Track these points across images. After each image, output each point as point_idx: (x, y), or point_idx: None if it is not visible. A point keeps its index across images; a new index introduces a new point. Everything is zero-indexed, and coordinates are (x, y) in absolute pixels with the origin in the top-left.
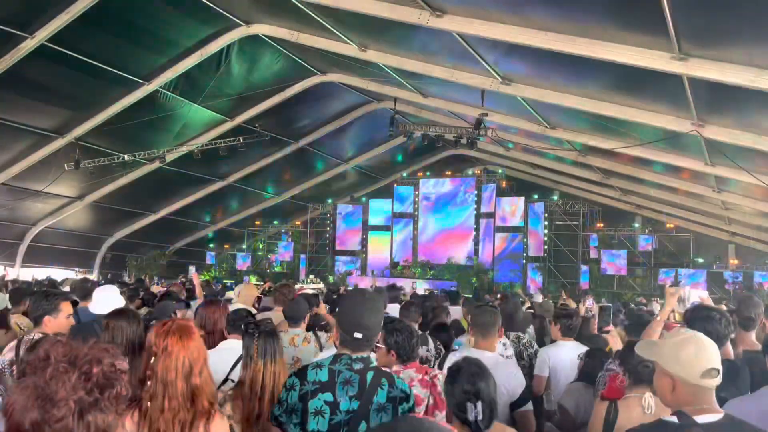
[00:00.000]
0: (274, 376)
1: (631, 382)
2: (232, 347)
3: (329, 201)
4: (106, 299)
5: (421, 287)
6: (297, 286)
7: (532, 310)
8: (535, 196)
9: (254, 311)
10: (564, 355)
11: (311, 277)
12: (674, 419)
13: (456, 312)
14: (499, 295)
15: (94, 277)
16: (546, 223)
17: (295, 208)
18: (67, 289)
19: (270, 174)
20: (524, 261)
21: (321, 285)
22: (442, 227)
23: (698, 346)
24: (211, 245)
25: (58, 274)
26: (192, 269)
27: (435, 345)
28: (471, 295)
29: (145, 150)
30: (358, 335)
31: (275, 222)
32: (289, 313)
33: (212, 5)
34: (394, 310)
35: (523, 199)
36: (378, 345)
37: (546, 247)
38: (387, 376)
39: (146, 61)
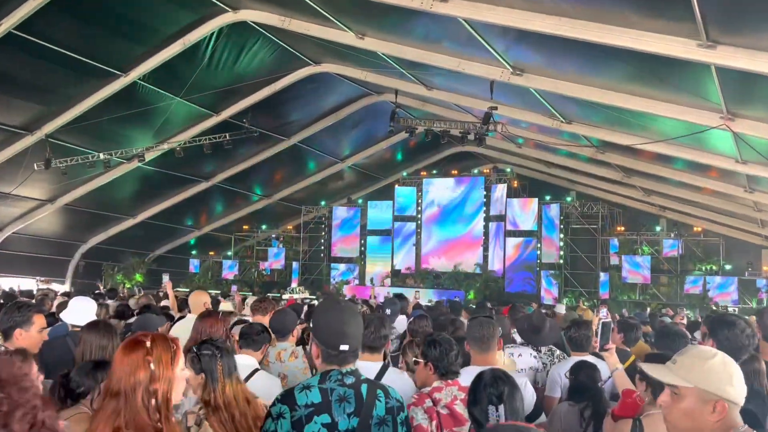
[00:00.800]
0: (239, 395)
1: (653, 398)
2: (247, 364)
3: (324, 203)
4: (81, 309)
5: (426, 298)
6: (286, 297)
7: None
8: (549, 197)
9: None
10: None
11: (298, 287)
12: None
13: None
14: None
15: (66, 287)
16: (561, 226)
17: (287, 212)
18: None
19: (259, 174)
20: (538, 268)
21: (307, 294)
22: (449, 237)
23: (736, 364)
24: (195, 252)
25: (27, 284)
26: (165, 277)
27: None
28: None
29: (122, 148)
30: (344, 347)
31: (265, 227)
32: (275, 325)
33: None
34: (401, 323)
35: (536, 201)
36: (417, 359)
37: (562, 253)
38: (380, 386)
39: (123, 51)
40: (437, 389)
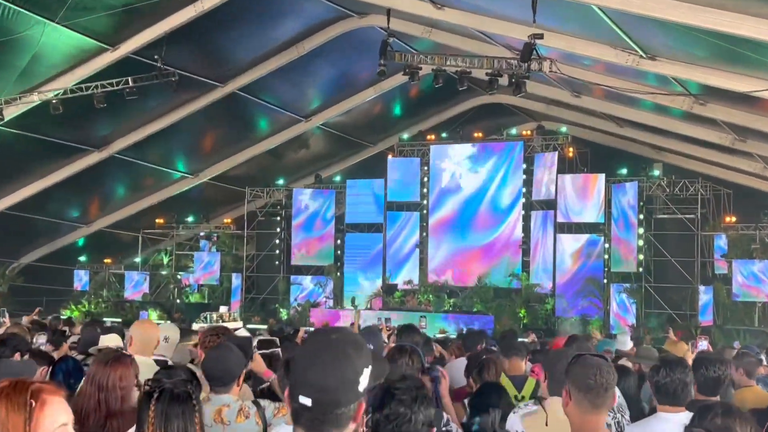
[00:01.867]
0: None
1: None
2: None
3: (280, 184)
4: None
5: (435, 327)
6: (197, 327)
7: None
8: (623, 173)
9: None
10: None
11: (223, 312)
12: None
13: None
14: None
15: None
16: (641, 217)
17: (223, 197)
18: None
19: (180, 140)
20: (605, 280)
21: (240, 324)
22: (470, 234)
23: None
24: (84, 259)
25: None
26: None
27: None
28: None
29: None
30: (304, 401)
31: (190, 220)
32: (210, 369)
33: None
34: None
35: (602, 178)
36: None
37: (642, 257)
38: None
39: None
40: None
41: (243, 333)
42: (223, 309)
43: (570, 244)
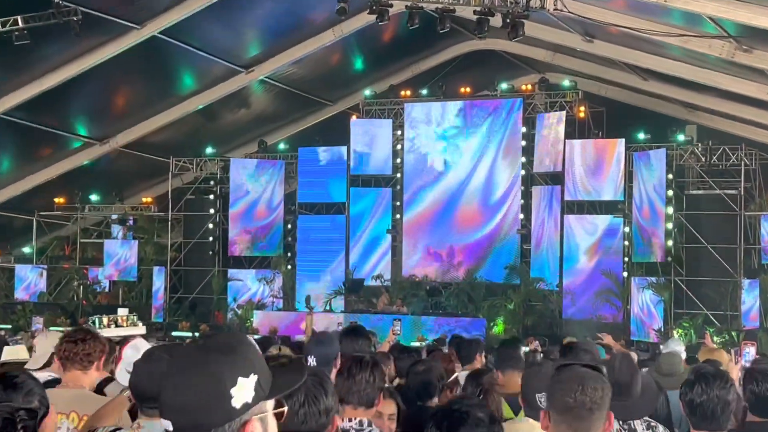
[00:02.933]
0: None
1: None
2: None
3: (212, 153)
4: None
5: (413, 335)
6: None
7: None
8: (647, 138)
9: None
10: None
11: (122, 312)
12: None
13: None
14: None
15: None
16: (670, 193)
17: (142, 170)
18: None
19: (85, 97)
20: (625, 273)
21: (140, 331)
22: (456, 215)
23: None
24: None
25: None
26: None
27: None
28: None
29: None
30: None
31: (95, 198)
32: (138, 383)
33: None
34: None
35: (620, 145)
36: None
37: (671, 244)
38: None
39: None
40: None
41: (141, 345)
42: (122, 312)
43: (582, 235)
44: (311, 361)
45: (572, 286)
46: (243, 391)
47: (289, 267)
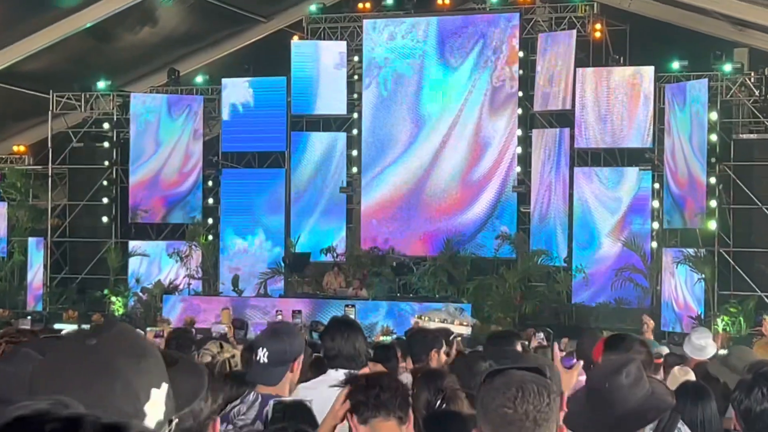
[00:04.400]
0: None
1: None
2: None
3: (106, 86)
4: None
5: (376, 326)
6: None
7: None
8: (681, 64)
9: None
10: None
11: None
12: None
13: None
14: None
15: None
16: (713, 137)
17: (13, 108)
18: None
19: None
20: (654, 243)
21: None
22: (433, 169)
23: None
24: None
25: None
26: None
27: None
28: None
29: None
30: None
31: None
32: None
33: None
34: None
35: (650, 74)
36: None
37: (714, 204)
38: None
39: None
40: None
41: None
42: None
43: (598, 194)
44: (262, 356)
45: (585, 261)
46: (156, 407)
47: (210, 238)
